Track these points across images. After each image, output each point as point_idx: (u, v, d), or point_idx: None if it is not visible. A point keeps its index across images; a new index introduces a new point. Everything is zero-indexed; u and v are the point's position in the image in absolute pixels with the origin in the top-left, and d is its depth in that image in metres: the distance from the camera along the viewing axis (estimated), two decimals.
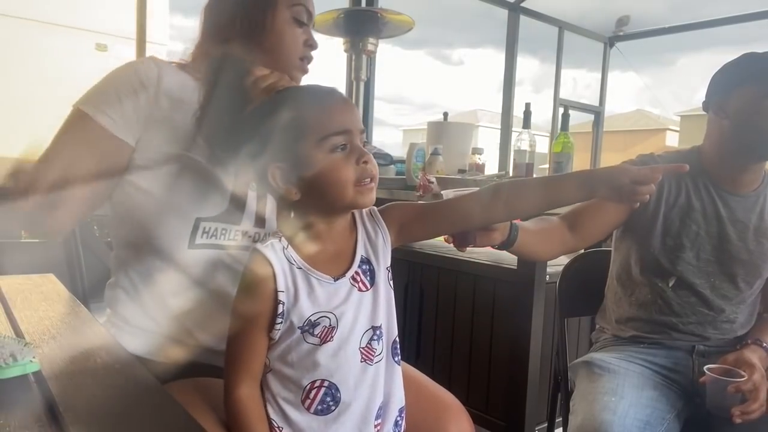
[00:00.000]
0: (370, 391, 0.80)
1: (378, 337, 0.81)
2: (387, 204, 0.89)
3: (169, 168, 0.91)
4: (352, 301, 0.79)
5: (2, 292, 0.96)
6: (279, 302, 0.75)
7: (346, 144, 0.76)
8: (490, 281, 2.00)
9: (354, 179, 0.76)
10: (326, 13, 2.13)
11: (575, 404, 1.21)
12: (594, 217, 1.28)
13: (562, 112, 1.94)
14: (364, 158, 0.76)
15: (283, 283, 0.75)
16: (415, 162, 2.29)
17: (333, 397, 0.77)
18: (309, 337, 0.76)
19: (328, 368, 0.77)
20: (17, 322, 0.80)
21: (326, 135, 0.75)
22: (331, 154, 0.75)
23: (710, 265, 1.27)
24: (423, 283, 2.24)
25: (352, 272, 0.81)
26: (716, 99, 1.27)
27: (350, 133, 0.76)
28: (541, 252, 1.24)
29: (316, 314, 0.76)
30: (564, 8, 5.66)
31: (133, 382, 0.61)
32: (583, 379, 1.26)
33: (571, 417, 1.19)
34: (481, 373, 2.03)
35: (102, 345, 0.73)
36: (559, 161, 1.85)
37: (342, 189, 0.76)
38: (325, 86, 0.84)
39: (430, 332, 2.21)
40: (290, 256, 0.77)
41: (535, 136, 1.91)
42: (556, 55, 5.68)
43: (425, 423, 0.97)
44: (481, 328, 2.04)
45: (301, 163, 0.75)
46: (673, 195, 1.28)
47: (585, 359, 1.31)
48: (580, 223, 1.26)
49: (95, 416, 0.52)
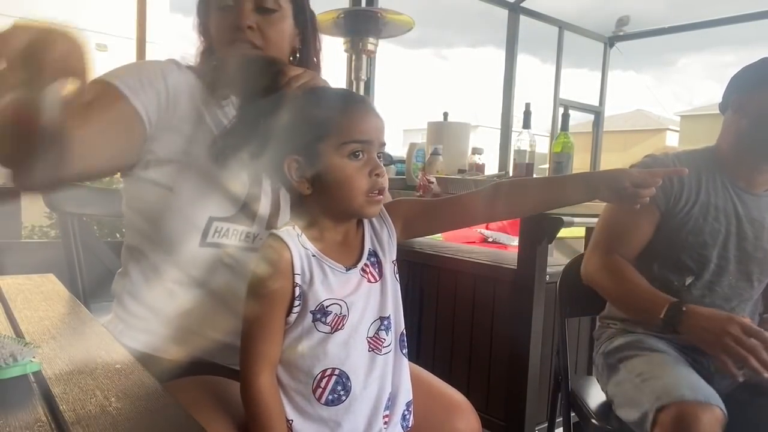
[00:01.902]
0: (380, 381, 0.81)
1: (386, 328, 0.83)
2: (393, 200, 0.91)
3: (185, 167, 0.92)
4: (362, 291, 0.81)
5: (2, 292, 0.96)
6: (296, 285, 0.76)
7: (363, 153, 0.78)
8: (490, 281, 2.00)
9: (365, 189, 0.78)
10: (326, 13, 2.13)
11: (629, 387, 1.20)
12: (633, 239, 1.32)
13: (562, 112, 1.94)
14: (378, 171, 0.78)
15: (300, 267, 0.76)
16: (415, 162, 2.29)
17: (344, 386, 0.78)
18: (320, 326, 0.77)
19: (338, 356, 0.78)
20: (17, 322, 0.80)
21: (347, 140, 0.77)
22: (347, 160, 0.77)
23: (729, 263, 1.28)
24: (423, 283, 2.24)
25: (362, 263, 0.82)
26: (735, 98, 1.29)
27: (370, 144, 0.78)
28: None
29: (328, 300, 0.77)
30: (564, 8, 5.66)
31: (133, 382, 0.61)
32: (630, 361, 1.26)
33: (634, 394, 1.18)
34: (481, 373, 2.03)
35: (102, 345, 0.73)
36: (559, 161, 1.85)
37: (351, 195, 0.77)
38: (357, 94, 0.84)
39: (430, 332, 2.21)
40: (304, 243, 0.78)
41: (535, 136, 1.91)
42: (556, 55, 5.68)
43: (434, 420, 0.97)
44: (481, 328, 2.04)
45: (318, 161, 0.77)
46: (694, 192, 1.29)
47: (625, 342, 1.31)
48: (630, 253, 1.32)
49: (95, 416, 0.52)
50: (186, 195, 0.92)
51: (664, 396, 1.07)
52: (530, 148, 1.87)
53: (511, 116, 5.19)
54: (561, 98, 5.64)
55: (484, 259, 2.09)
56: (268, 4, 0.97)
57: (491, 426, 1.96)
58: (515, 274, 1.90)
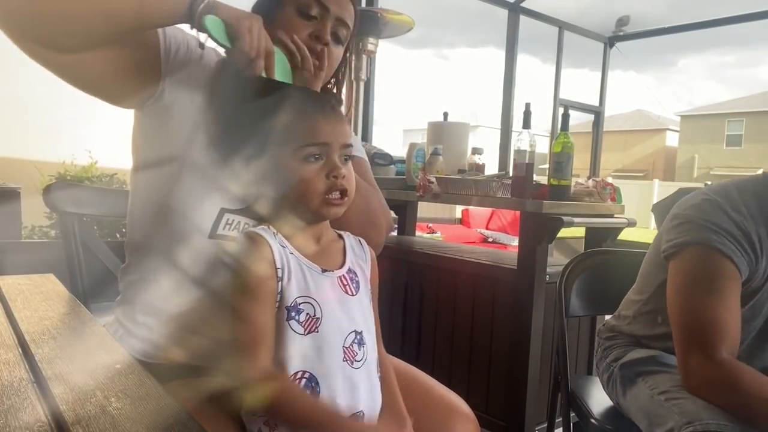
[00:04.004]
0: (350, 394, 0.80)
1: (359, 342, 0.82)
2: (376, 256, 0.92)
3: (194, 164, 0.91)
4: (337, 298, 0.81)
5: (2, 292, 0.96)
6: (278, 278, 0.77)
7: (320, 155, 0.79)
8: (490, 281, 2.00)
9: (321, 191, 0.79)
10: None
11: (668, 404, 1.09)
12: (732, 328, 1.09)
13: (562, 112, 1.94)
14: (335, 173, 0.79)
15: (279, 261, 0.77)
16: (415, 162, 2.29)
17: (312, 390, 0.77)
18: (294, 324, 0.77)
19: (310, 360, 0.77)
20: (17, 322, 0.80)
21: (303, 144, 0.78)
22: (304, 163, 0.79)
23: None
24: (423, 283, 2.24)
25: (341, 273, 0.83)
26: None
27: (328, 146, 0.79)
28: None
29: (301, 298, 0.77)
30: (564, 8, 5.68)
31: (133, 382, 0.61)
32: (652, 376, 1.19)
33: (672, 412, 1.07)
34: (481, 374, 2.03)
35: (102, 345, 0.73)
36: (559, 161, 1.85)
37: (308, 198, 0.79)
38: (319, 93, 0.84)
39: (430, 332, 2.21)
40: (281, 241, 0.79)
41: (535, 136, 1.91)
42: (556, 55, 5.68)
43: (432, 425, 0.97)
44: (481, 328, 2.04)
45: (278, 165, 0.79)
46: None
47: (647, 356, 1.24)
48: (734, 345, 1.09)
49: (95, 416, 0.52)
50: (198, 184, 0.91)
51: (694, 419, 1.01)
52: (530, 148, 1.87)
53: (511, 116, 5.19)
54: (561, 98, 5.64)
55: (484, 259, 2.09)
56: (341, 34, 1.00)
57: (491, 426, 1.96)
58: (515, 274, 1.90)
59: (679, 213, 1.17)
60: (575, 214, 1.86)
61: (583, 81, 8.32)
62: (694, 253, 1.11)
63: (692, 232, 1.12)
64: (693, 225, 1.12)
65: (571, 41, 5.71)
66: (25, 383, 0.59)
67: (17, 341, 0.72)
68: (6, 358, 0.65)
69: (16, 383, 0.59)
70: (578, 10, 6.42)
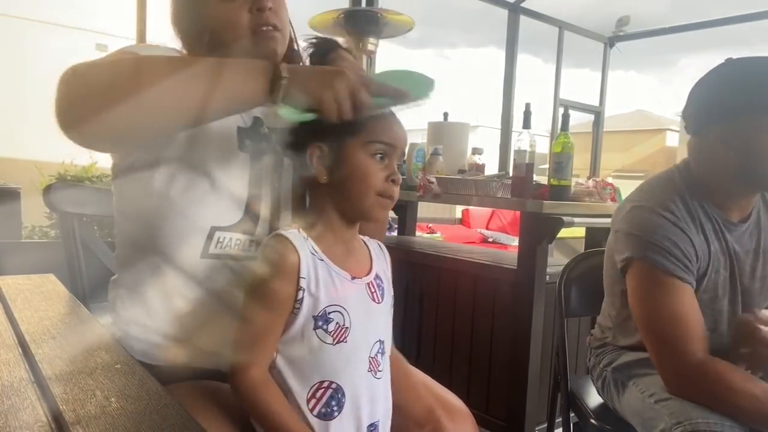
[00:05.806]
0: (371, 404, 0.80)
1: (382, 352, 0.82)
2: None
3: (184, 172, 0.88)
4: (365, 306, 0.81)
5: (2, 292, 0.96)
6: (300, 288, 0.75)
7: (386, 157, 0.79)
8: (490, 281, 2.00)
9: (379, 189, 0.79)
10: (326, 13, 2.13)
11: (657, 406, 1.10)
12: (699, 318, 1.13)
13: (562, 112, 1.93)
14: (394, 177, 0.80)
15: (306, 271, 0.76)
16: (415, 162, 2.29)
17: (338, 402, 0.77)
18: (321, 333, 0.76)
19: (338, 370, 0.77)
20: (17, 322, 0.80)
21: (375, 140, 0.78)
22: (370, 158, 0.78)
23: (736, 306, 1.20)
24: (423, 283, 2.24)
25: (369, 279, 0.83)
26: (717, 128, 1.14)
27: (394, 149, 0.80)
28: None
29: (331, 307, 0.77)
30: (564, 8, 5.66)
31: (133, 382, 0.61)
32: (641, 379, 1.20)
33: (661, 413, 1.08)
34: (481, 374, 2.03)
35: (102, 345, 0.73)
36: (559, 161, 1.85)
37: (365, 192, 0.78)
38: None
39: (430, 332, 2.21)
40: (311, 247, 0.78)
41: (535, 136, 1.91)
42: (556, 55, 5.68)
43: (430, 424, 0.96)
44: (481, 328, 2.04)
45: (342, 152, 0.78)
46: (703, 246, 1.16)
47: (637, 359, 1.24)
48: (702, 344, 1.10)
49: (95, 416, 0.52)
50: (187, 199, 0.87)
51: (683, 418, 1.02)
52: (530, 148, 1.87)
53: (511, 116, 5.19)
54: (561, 98, 5.64)
55: (484, 259, 2.09)
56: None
57: (491, 426, 1.96)
58: (515, 274, 1.90)
59: (619, 228, 1.21)
60: (575, 214, 1.86)
61: (584, 81, 8.31)
62: (640, 266, 1.16)
63: (634, 248, 1.16)
64: (634, 238, 1.17)
65: (572, 41, 5.71)
66: (25, 383, 0.59)
67: (17, 341, 0.72)
68: (6, 358, 0.65)
69: (16, 383, 0.59)
70: (578, 10, 6.41)
